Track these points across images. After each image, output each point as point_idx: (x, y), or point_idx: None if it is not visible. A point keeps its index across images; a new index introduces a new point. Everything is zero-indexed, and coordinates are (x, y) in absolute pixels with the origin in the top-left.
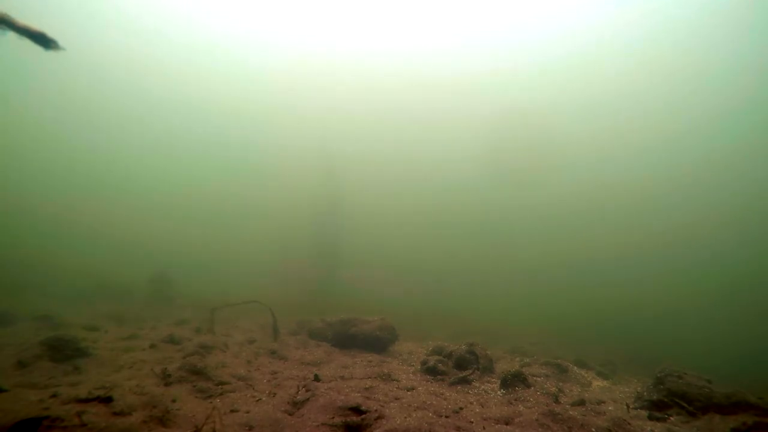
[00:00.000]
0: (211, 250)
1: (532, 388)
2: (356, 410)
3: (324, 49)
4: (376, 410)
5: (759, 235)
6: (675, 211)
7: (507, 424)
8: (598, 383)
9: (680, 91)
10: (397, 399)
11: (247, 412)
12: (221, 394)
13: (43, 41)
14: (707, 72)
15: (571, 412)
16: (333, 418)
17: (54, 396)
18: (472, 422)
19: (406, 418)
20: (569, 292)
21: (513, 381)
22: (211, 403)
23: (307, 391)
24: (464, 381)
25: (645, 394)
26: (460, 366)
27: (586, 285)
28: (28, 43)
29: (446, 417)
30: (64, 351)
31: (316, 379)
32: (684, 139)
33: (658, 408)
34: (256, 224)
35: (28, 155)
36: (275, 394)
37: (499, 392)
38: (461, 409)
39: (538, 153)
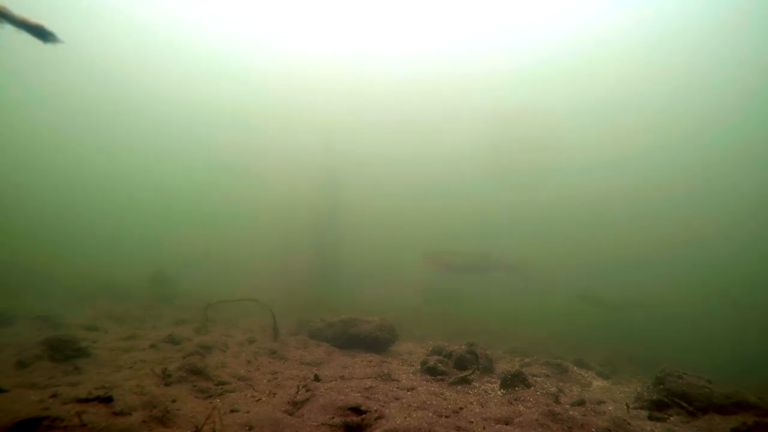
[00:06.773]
0: (212, 249)
1: (532, 388)
2: (356, 410)
3: (325, 51)
4: (376, 410)
5: (759, 236)
6: (675, 213)
7: (507, 424)
8: (598, 383)
9: (683, 92)
10: (397, 399)
11: (247, 412)
12: (221, 394)
13: (42, 34)
14: (710, 72)
15: (571, 412)
16: (333, 418)
17: (54, 396)
18: (472, 422)
19: (406, 418)
20: (569, 293)
21: (513, 381)
22: (211, 403)
23: (307, 391)
24: (464, 381)
25: (645, 394)
26: (460, 366)
27: (586, 285)
28: (27, 37)
29: (446, 417)
30: (64, 351)
31: (316, 379)
32: (688, 140)
33: (658, 408)
34: (256, 224)
35: (27, 156)
36: (275, 394)
37: (499, 392)
38: (461, 409)
39: (538, 154)
